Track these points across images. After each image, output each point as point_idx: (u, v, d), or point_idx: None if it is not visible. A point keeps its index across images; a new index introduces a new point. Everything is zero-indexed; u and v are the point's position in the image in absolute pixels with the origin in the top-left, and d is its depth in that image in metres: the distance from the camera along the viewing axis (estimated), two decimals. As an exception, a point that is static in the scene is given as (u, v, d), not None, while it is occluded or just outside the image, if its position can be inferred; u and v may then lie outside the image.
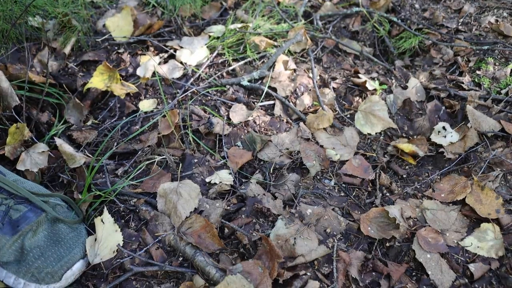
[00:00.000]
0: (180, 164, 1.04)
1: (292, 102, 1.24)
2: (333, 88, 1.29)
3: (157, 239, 0.88)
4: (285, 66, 1.30)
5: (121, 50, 1.35)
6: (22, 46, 1.25)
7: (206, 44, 1.36)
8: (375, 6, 1.52)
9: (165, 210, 0.92)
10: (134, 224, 0.92)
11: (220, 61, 1.33)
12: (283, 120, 1.18)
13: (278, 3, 1.57)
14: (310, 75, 1.29)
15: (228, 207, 0.95)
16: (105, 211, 0.90)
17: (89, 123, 1.17)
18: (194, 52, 1.33)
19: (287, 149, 1.09)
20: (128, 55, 1.33)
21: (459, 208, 0.98)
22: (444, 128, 1.17)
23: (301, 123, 1.17)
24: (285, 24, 1.44)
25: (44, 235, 0.83)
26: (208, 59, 1.32)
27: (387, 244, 0.92)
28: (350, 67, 1.36)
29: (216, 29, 1.43)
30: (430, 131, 1.19)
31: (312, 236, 0.90)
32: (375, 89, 1.27)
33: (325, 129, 1.17)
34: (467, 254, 0.88)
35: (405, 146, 1.13)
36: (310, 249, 0.88)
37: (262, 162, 1.07)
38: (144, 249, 0.86)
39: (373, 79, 1.31)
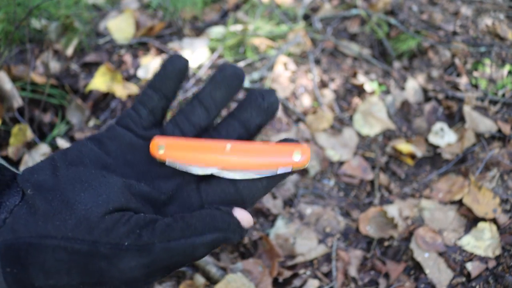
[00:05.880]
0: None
1: (291, 103, 1.25)
2: (333, 89, 1.30)
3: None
4: (285, 67, 1.31)
5: (122, 52, 1.36)
6: (25, 48, 1.26)
7: (206, 45, 1.38)
8: (373, 8, 1.53)
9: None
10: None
11: (220, 62, 1.34)
12: (282, 120, 1.19)
13: (278, 6, 1.58)
14: (310, 76, 1.31)
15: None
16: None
17: (91, 124, 1.18)
18: (195, 53, 1.34)
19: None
20: (130, 57, 1.35)
21: (457, 208, 0.99)
22: (441, 129, 1.18)
23: (301, 124, 1.18)
24: (285, 26, 1.46)
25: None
26: (209, 60, 1.33)
27: (386, 244, 0.93)
28: (349, 68, 1.38)
29: (217, 31, 1.45)
30: (428, 132, 1.20)
31: (312, 235, 0.91)
32: (373, 91, 1.28)
33: (324, 129, 1.18)
34: (464, 253, 0.89)
35: (404, 146, 1.14)
36: (309, 248, 0.89)
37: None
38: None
39: (371, 80, 1.32)
